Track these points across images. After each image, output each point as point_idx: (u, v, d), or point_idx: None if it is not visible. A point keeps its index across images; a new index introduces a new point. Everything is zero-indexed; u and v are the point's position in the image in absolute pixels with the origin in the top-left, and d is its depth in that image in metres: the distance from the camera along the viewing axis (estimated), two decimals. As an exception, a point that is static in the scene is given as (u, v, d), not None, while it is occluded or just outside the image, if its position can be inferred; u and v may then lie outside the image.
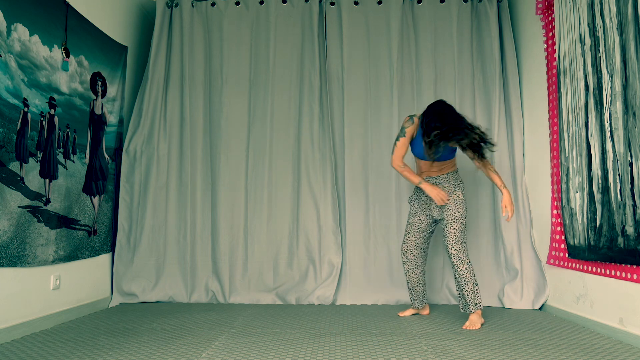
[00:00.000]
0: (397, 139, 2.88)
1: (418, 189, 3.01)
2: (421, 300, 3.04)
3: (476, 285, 2.75)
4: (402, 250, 3.00)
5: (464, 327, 2.68)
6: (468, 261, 2.77)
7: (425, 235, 2.99)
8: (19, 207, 2.50)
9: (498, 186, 2.83)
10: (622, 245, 2.34)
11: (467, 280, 2.74)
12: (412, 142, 2.89)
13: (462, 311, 2.83)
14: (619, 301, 2.44)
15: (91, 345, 2.30)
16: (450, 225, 2.79)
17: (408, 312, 3.07)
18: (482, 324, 2.73)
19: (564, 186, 2.91)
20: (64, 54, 2.91)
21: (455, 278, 2.81)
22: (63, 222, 2.92)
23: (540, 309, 3.27)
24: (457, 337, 2.47)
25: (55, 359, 2.07)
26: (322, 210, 3.64)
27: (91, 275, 3.27)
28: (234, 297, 3.54)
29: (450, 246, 2.78)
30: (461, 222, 2.79)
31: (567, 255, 2.91)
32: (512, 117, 3.56)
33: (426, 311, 3.11)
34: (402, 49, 3.76)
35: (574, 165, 2.78)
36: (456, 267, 2.77)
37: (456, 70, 3.72)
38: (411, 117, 2.85)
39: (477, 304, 2.74)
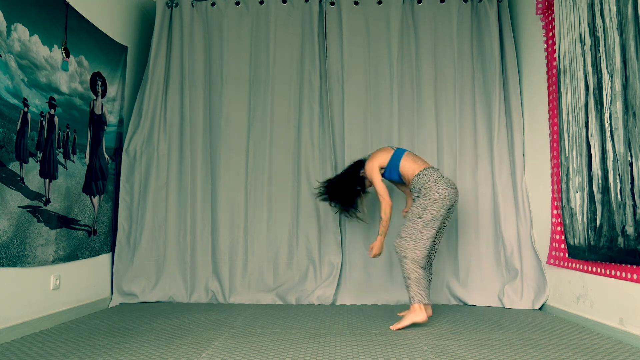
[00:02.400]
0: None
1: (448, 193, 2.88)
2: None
3: (409, 279, 2.74)
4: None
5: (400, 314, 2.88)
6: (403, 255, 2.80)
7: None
8: (19, 207, 2.50)
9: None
10: (622, 245, 2.34)
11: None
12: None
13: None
14: (619, 301, 2.44)
15: (91, 345, 2.30)
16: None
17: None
18: (420, 321, 2.67)
19: (564, 186, 2.91)
20: (64, 54, 2.91)
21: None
22: (63, 222, 2.92)
23: (540, 309, 3.27)
24: (457, 337, 2.47)
25: (55, 359, 2.07)
26: (322, 210, 3.63)
27: (91, 275, 3.27)
28: (234, 297, 3.54)
29: None
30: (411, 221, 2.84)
31: (567, 255, 2.91)
32: (512, 117, 3.56)
33: (429, 311, 2.97)
34: (402, 49, 3.76)
35: (574, 165, 2.78)
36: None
37: (456, 70, 3.72)
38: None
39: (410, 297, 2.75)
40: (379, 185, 2.96)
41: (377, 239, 2.95)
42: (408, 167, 2.94)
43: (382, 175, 3.04)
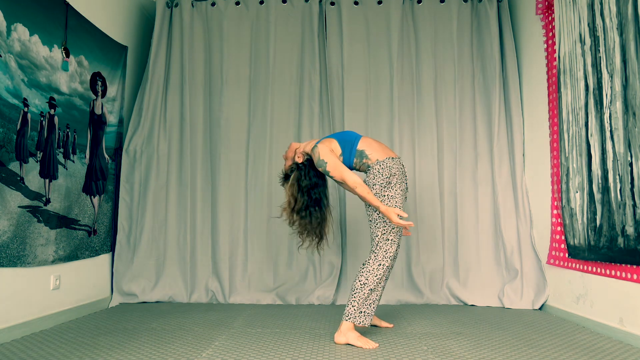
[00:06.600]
0: (325, 165, 2.41)
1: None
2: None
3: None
4: (393, 261, 2.40)
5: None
6: None
7: None
8: (18, 207, 2.50)
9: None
10: (622, 245, 2.34)
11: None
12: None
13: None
14: (619, 301, 2.44)
15: (91, 345, 2.30)
16: None
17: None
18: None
19: (564, 186, 2.91)
20: (64, 54, 2.91)
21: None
22: (63, 222, 2.92)
23: (540, 309, 3.27)
24: (457, 337, 2.47)
25: (55, 359, 2.07)
26: (322, 210, 3.63)
27: (91, 275, 3.27)
28: (234, 297, 3.54)
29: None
30: None
31: (567, 255, 2.91)
32: (512, 117, 3.56)
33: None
34: (402, 48, 3.76)
35: (574, 165, 2.78)
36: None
37: (456, 70, 3.72)
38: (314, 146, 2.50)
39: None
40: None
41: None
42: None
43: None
